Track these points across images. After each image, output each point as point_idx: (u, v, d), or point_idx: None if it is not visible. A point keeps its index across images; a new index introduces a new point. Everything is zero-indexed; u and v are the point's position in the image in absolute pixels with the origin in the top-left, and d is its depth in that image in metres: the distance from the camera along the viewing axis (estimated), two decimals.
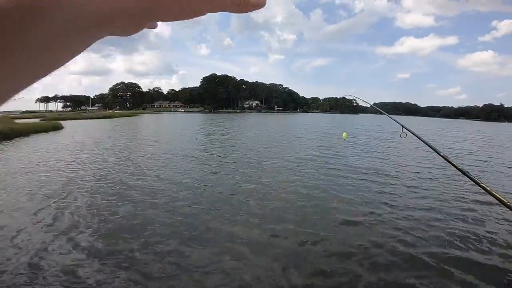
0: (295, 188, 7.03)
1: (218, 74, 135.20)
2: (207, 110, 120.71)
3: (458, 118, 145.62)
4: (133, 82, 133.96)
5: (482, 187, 1.40)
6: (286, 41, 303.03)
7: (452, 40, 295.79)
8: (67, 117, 46.07)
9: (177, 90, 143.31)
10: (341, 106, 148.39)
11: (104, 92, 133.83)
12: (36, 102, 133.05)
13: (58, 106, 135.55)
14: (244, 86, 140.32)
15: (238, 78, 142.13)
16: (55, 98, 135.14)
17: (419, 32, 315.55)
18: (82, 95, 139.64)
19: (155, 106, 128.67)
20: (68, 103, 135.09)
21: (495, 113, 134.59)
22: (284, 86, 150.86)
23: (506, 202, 1.29)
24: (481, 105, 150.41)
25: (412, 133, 2.15)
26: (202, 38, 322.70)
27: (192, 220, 5.03)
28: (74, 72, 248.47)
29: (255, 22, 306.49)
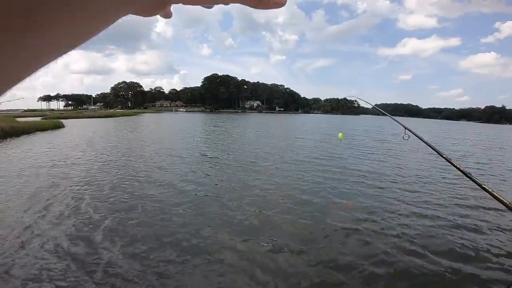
0: (293, 191, 6.94)
1: (219, 74, 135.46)
2: (208, 110, 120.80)
3: (459, 120, 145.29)
4: (134, 82, 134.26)
5: (485, 189, 1.38)
6: (288, 41, 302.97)
7: (454, 41, 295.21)
8: (69, 115, 46.18)
9: (178, 89, 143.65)
10: (342, 107, 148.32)
11: (105, 91, 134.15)
12: (38, 101, 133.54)
13: (60, 105, 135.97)
14: (245, 86, 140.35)
15: (240, 78, 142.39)
16: (57, 97, 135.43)
17: (422, 33, 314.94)
18: (83, 94, 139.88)
19: (157, 105, 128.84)
20: (69, 102, 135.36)
21: (497, 115, 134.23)
22: (285, 86, 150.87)
23: (508, 204, 1.26)
24: (483, 107, 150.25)
25: (415, 134, 2.12)
26: (204, 38, 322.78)
27: (186, 223, 5.00)
28: (76, 71, 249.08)
29: (257, 22, 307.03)
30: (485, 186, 1.39)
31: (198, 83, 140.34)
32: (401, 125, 2.32)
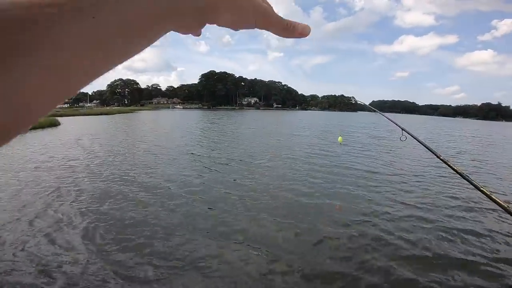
0: (284, 192, 6.83)
1: (217, 71, 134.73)
2: (206, 107, 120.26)
3: (456, 116, 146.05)
4: (131, 79, 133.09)
5: (482, 191, 1.36)
6: (286, 38, 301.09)
7: (451, 39, 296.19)
8: (64, 113, 45.68)
9: (175, 87, 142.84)
10: (339, 104, 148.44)
11: (102, 88, 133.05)
12: None
13: None
14: (243, 83, 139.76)
15: (237, 75, 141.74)
16: None
17: (419, 31, 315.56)
18: (79, 92, 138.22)
19: (154, 103, 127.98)
20: (65, 100, 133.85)
21: (493, 112, 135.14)
22: (283, 83, 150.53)
23: (505, 206, 1.25)
24: (479, 104, 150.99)
25: (412, 136, 2.10)
26: (202, 35, 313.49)
27: (181, 221, 4.98)
28: None
29: None
30: (482, 189, 1.38)
31: (195, 80, 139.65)
32: (398, 126, 2.28)
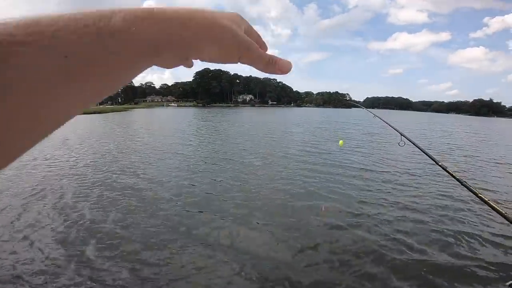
0: (282, 189, 6.86)
1: (211, 69, 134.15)
2: (200, 105, 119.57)
3: (449, 112, 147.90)
4: None
5: (481, 198, 1.35)
6: (281, 35, 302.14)
7: (444, 36, 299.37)
8: None
9: (169, 84, 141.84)
10: (334, 100, 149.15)
11: None
12: None
13: None
14: (238, 81, 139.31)
15: (232, 72, 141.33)
16: None
17: (412, 28, 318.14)
18: None
19: (148, 101, 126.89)
20: None
21: (485, 108, 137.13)
22: (278, 80, 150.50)
23: (503, 213, 1.25)
24: (471, 100, 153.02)
25: (410, 140, 2.06)
26: None
27: (170, 222, 4.92)
28: None
29: (250, 16, 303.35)
30: (481, 196, 1.36)
31: (189, 78, 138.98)
32: (397, 131, 2.23)
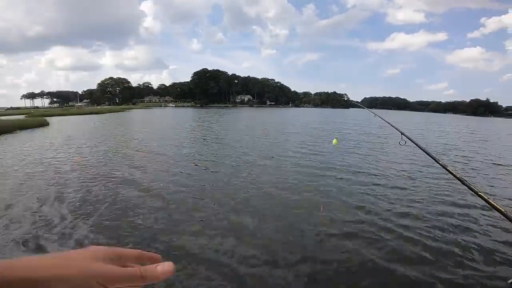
0: (279, 188, 6.86)
1: (209, 69, 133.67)
2: (198, 105, 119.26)
3: (446, 112, 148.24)
4: (122, 77, 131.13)
5: (481, 196, 1.37)
6: (278, 36, 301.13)
7: (441, 36, 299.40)
8: (54, 113, 44.68)
9: (167, 85, 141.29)
10: (332, 100, 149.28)
11: (92, 87, 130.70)
12: (21, 99, 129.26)
13: (45, 102, 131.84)
14: (236, 81, 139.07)
15: (230, 73, 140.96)
16: (41, 94, 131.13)
17: (410, 28, 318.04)
18: (69, 91, 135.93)
19: (145, 101, 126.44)
20: (55, 99, 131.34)
21: (482, 108, 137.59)
22: (276, 80, 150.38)
23: (504, 212, 1.25)
24: (468, 100, 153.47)
25: (410, 139, 2.08)
26: (194, 33, 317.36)
27: (163, 227, 4.92)
28: (61, 67, 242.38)
29: (248, 17, 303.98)
30: (481, 194, 1.38)
31: (187, 78, 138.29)
32: (398, 130, 2.25)
